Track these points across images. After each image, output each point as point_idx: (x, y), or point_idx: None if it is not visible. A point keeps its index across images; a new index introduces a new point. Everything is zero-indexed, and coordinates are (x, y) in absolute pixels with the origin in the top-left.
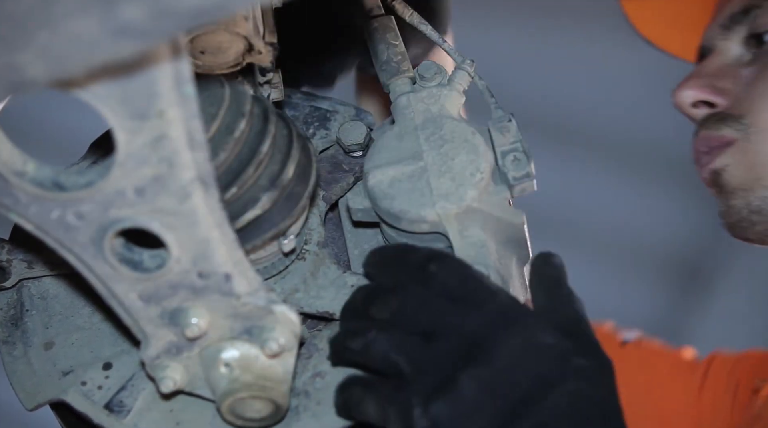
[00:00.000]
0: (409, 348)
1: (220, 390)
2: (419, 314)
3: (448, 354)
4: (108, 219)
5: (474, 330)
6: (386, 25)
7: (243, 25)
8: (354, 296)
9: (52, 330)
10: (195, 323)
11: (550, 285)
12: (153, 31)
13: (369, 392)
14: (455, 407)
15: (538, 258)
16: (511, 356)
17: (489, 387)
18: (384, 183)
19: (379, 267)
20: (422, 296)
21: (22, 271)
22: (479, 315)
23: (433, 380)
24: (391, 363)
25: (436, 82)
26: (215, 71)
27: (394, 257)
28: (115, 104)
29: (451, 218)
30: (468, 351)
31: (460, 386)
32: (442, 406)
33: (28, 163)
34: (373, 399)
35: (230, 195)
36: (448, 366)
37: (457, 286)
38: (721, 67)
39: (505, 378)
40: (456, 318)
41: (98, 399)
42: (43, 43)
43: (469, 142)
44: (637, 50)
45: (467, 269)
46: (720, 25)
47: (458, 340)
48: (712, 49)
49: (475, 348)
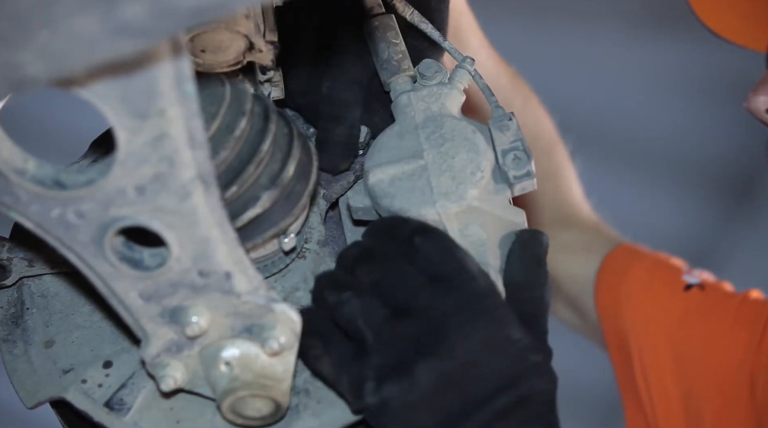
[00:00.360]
0: (376, 320)
1: (221, 389)
2: (396, 290)
3: (412, 335)
4: (108, 218)
5: (442, 314)
6: (387, 23)
7: (244, 23)
8: (349, 251)
9: (52, 328)
10: (195, 321)
11: (532, 263)
12: (153, 30)
13: (327, 352)
14: (407, 394)
15: (526, 232)
16: (472, 350)
17: (444, 381)
18: (384, 182)
19: (373, 235)
20: (404, 272)
21: (22, 269)
22: (451, 299)
23: (391, 359)
24: (356, 329)
25: (436, 80)
26: (216, 70)
27: (387, 227)
28: (115, 103)
29: (452, 217)
30: (432, 336)
31: (416, 374)
32: (394, 389)
33: (28, 161)
34: (330, 361)
35: (231, 194)
36: (409, 349)
37: (438, 263)
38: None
39: (462, 374)
40: (428, 299)
41: (98, 398)
42: (44, 41)
43: (469, 140)
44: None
45: (451, 247)
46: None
47: (425, 323)
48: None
49: (440, 335)
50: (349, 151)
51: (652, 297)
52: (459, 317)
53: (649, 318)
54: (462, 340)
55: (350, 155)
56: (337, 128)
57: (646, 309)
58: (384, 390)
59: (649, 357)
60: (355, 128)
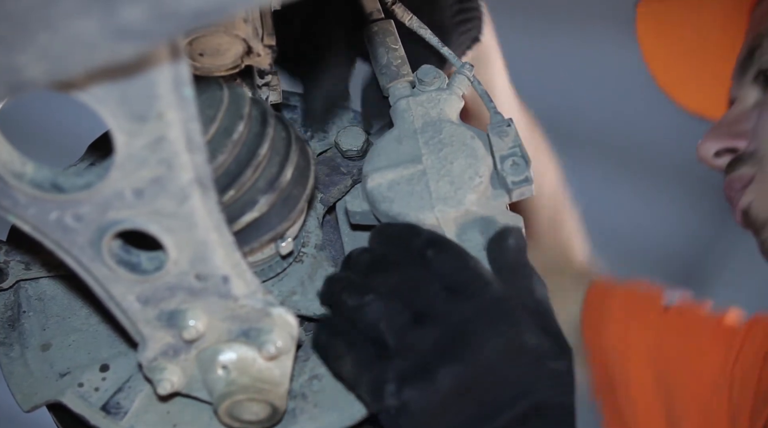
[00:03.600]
0: (398, 324)
1: (218, 393)
2: (414, 295)
3: (434, 340)
4: (106, 221)
5: (462, 320)
6: (386, 29)
7: (242, 27)
8: (360, 256)
9: (49, 331)
10: (192, 325)
11: (517, 265)
12: (153, 33)
13: (350, 351)
14: (428, 398)
15: (503, 232)
16: (492, 356)
17: (465, 386)
18: (383, 186)
19: (383, 243)
20: (421, 278)
21: (19, 272)
22: (470, 305)
23: (413, 363)
24: (378, 331)
25: (435, 86)
26: (214, 73)
27: (398, 237)
28: (114, 106)
29: (450, 222)
30: (453, 342)
31: (438, 378)
32: (415, 393)
33: (26, 164)
34: (352, 361)
35: (228, 197)
36: (431, 354)
37: (452, 273)
38: (740, 114)
39: (481, 380)
40: (447, 305)
41: (95, 401)
42: (43, 44)
43: (468, 146)
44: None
45: (464, 257)
46: (734, 76)
47: (446, 329)
48: (733, 100)
49: (460, 341)
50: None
51: (632, 321)
52: (479, 322)
53: (630, 342)
54: (483, 345)
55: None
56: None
57: (627, 333)
58: (405, 394)
59: (633, 380)
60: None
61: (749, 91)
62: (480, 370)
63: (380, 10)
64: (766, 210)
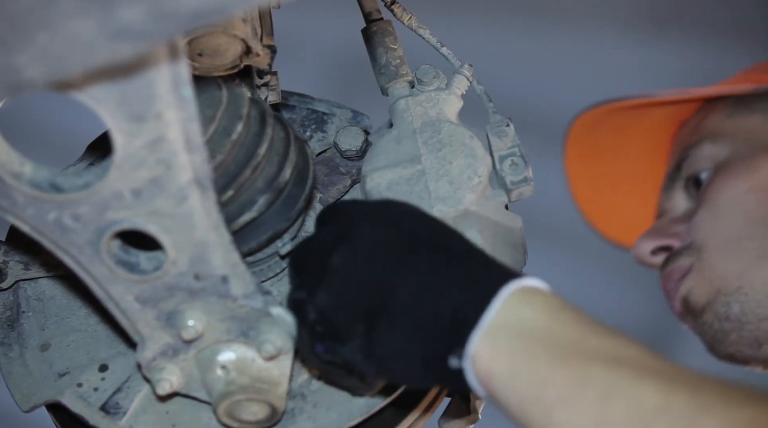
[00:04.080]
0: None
1: (217, 393)
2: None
3: (321, 241)
4: (105, 221)
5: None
6: (385, 29)
7: (241, 27)
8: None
9: (48, 331)
10: (191, 325)
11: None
12: (152, 33)
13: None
14: (332, 286)
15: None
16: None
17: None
18: (382, 186)
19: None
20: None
21: (18, 272)
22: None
23: (312, 268)
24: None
25: (434, 86)
26: (213, 73)
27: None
28: (112, 106)
29: (449, 222)
30: (332, 240)
31: (332, 264)
32: (324, 291)
33: (25, 164)
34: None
35: (227, 197)
36: (324, 253)
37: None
38: (672, 219)
39: (369, 244)
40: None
41: (94, 401)
42: (42, 44)
43: (467, 146)
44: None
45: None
46: (663, 190)
47: (329, 231)
48: (663, 213)
49: (339, 235)
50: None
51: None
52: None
53: None
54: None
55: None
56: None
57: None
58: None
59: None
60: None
61: (678, 199)
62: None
63: (379, 10)
64: (705, 294)
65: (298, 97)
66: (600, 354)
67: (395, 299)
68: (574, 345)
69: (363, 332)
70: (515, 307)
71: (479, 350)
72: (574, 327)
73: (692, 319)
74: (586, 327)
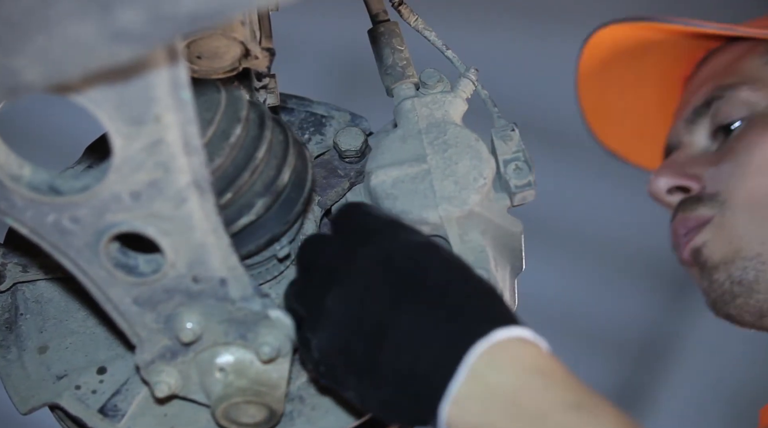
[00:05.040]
0: (301, 292)
1: (215, 395)
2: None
3: (318, 282)
4: (104, 223)
5: (333, 255)
6: (392, 30)
7: (240, 30)
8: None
9: (46, 333)
10: (190, 327)
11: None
12: (150, 36)
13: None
14: (328, 329)
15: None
16: (366, 269)
17: (351, 300)
18: (387, 183)
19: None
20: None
21: (16, 275)
22: (338, 244)
23: (311, 310)
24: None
25: (438, 89)
26: (212, 76)
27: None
28: (111, 109)
29: (453, 222)
30: (330, 275)
31: (327, 307)
32: (322, 334)
33: (24, 167)
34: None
35: (225, 200)
36: (320, 294)
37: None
38: (690, 157)
39: (363, 288)
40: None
41: (92, 403)
42: (40, 47)
43: (472, 147)
44: None
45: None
46: (685, 120)
47: (322, 269)
48: (679, 144)
49: (336, 273)
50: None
51: None
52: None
53: None
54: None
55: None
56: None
57: None
58: (318, 342)
59: None
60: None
61: (700, 136)
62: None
63: (386, 11)
64: (721, 252)
65: (297, 100)
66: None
67: (381, 355)
68: (538, 420)
69: (355, 383)
70: (482, 373)
71: (451, 419)
72: (543, 394)
73: (699, 271)
74: (554, 395)
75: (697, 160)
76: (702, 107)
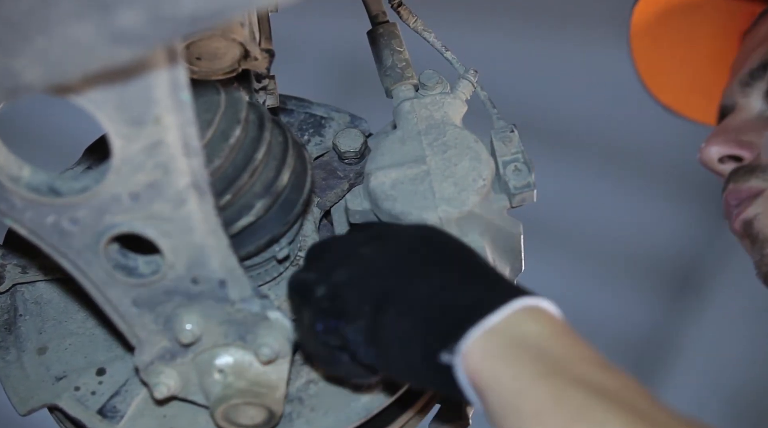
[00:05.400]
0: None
1: (214, 397)
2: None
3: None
4: (103, 225)
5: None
6: (391, 31)
7: (239, 31)
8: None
9: (45, 335)
10: (189, 329)
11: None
12: (150, 37)
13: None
14: (353, 266)
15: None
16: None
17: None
18: (386, 184)
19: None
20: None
21: (16, 276)
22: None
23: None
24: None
25: (437, 91)
26: (211, 77)
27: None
28: (111, 110)
29: (452, 223)
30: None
31: (360, 251)
32: (342, 270)
33: (23, 168)
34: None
35: (225, 202)
36: (353, 244)
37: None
38: (744, 122)
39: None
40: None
41: (92, 405)
42: (40, 48)
43: (472, 149)
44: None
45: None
46: (740, 82)
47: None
48: (733, 106)
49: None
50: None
51: None
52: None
53: None
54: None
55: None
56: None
57: None
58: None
59: None
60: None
61: (755, 101)
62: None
63: (385, 13)
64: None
65: (296, 101)
66: (584, 379)
67: (411, 288)
68: (562, 365)
69: (370, 313)
70: (521, 319)
71: (472, 349)
72: (569, 349)
73: (750, 244)
74: (580, 353)
75: (751, 125)
76: (757, 69)
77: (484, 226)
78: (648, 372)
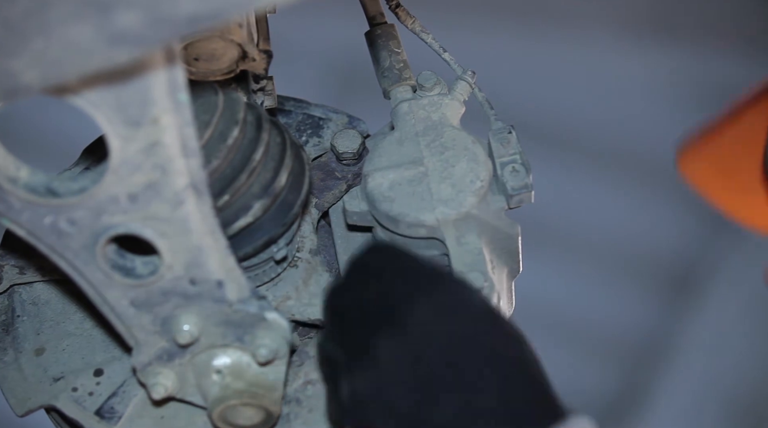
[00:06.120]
0: (340, 332)
1: (212, 397)
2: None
3: (363, 319)
4: (101, 225)
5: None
6: (389, 32)
7: (237, 32)
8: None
9: (43, 335)
10: (187, 330)
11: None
12: (148, 38)
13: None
14: (373, 375)
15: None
16: (425, 315)
17: (406, 350)
18: (384, 186)
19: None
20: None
21: (13, 276)
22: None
23: (352, 349)
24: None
25: (435, 92)
26: (209, 78)
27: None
28: (109, 111)
29: (450, 224)
30: (381, 314)
31: (378, 348)
32: (362, 378)
33: (21, 168)
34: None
35: (223, 202)
36: (365, 332)
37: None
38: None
39: (421, 338)
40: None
41: (89, 406)
42: (38, 49)
43: (469, 150)
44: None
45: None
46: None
47: (374, 308)
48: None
49: (389, 311)
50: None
51: None
52: (404, 293)
53: None
54: (413, 308)
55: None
56: None
57: None
58: (354, 385)
59: None
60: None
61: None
62: (416, 329)
63: (383, 14)
64: None
65: (294, 102)
66: None
67: (431, 420)
68: None
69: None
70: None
71: None
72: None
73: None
74: None
75: None
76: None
77: (482, 227)
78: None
